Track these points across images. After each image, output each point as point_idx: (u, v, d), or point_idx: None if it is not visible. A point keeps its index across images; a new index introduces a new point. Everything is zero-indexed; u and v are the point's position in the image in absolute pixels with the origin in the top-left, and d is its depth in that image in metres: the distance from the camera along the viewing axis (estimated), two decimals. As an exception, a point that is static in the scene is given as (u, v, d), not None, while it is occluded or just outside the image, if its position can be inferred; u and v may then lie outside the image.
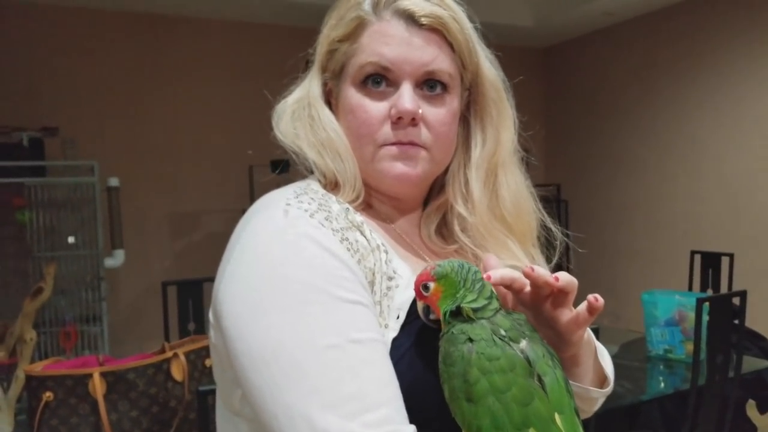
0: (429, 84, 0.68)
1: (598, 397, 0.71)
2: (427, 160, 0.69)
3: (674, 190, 4.29)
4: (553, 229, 0.78)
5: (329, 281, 0.57)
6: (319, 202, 0.63)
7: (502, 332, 0.55)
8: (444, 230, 0.77)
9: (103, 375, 1.28)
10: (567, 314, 0.61)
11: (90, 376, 1.27)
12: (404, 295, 0.63)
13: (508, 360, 0.53)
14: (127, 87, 3.99)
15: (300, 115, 0.71)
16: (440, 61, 0.67)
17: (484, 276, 0.59)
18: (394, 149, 0.67)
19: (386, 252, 0.64)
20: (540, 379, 0.53)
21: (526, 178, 0.77)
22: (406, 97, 0.66)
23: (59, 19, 3.81)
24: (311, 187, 0.67)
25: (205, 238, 4.22)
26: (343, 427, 0.51)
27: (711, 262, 3.32)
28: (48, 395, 1.27)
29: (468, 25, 0.70)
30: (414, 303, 0.62)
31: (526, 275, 0.58)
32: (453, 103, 0.70)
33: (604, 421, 1.92)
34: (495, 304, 0.58)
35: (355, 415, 0.52)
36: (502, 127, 0.74)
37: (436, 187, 0.76)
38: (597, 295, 0.59)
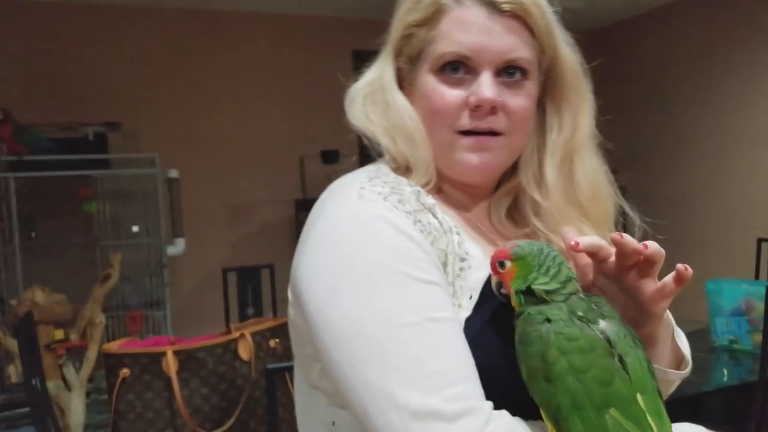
0: (508, 71, 0.67)
1: (675, 379, 0.70)
2: (504, 147, 0.69)
3: (734, 175, 4.11)
4: (631, 214, 0.76)
5: (405, 262, 0.58)
6: (391, 185, 0.64)
7: (580, 313, 0.54)
8: (515, 214, 0.77)
9: (175, 353, 1.34)
10: (651, 285, 0.60)
11: (164, 354, 1.33)
12: (477, 276, 0.63)
13: (588, 340, 0.52)
14: (184, 82, 4.11)
15: (373, 100, 0.72)
16: (520, 49, 0.67)
17: (572, 243, 0.58)
18: (470, 140, 0.68)
19: (458, 234, 0.65)
20: (621, 360, 0.53)
21: (603, 163, 0.76)
22: (486, 85, 0.66)
23: (119, 18, 3.96)
24: (382, 170, 0.68)
25: (260, 227, 4.32)
26: (424, 401, 0.52)
27: (779, 250, 3.18)
28: (125, 372, 1.34)
29: (548, 9, 0.69)
30: (486, 283, 0.63)
31: (615, 241, 0.58)
32: (532, 89, 0.69)
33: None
34: (570, 288, 0.57)
35: (435, 390, 0.53)
36: (580, 112, 0.73)
37: (508, 171, 0.76)
38: (686, 265, 0.58)
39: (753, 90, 3.93)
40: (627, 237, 0.58)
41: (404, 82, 0.73)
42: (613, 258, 0.60)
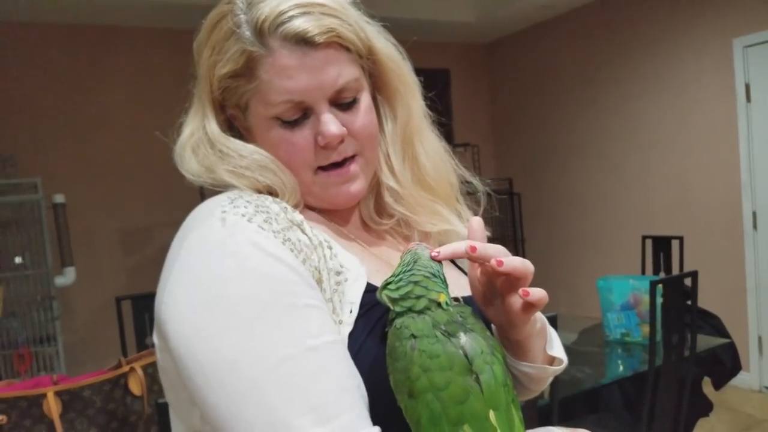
0: (341, 97, 0.66)
1: (547, 376, 0.72)
2: (365, 166, 0.70)
3: (623, 177, 4.42)
4: (474, 182, 0.80)
5: (277, 289, 0.55)
6: (255, 204, 0.61)
7: (442, 327, 0.56)
8: (378, 207, 0.77)
9: (57, 394, 1.22)
10: (517, 300, 0.58)
11: (44, 396, 1.22)
12: (354, 288, 0.62)
13: (448, 358, 0.54)
14: (67, 101, 3.85)
15: (205, 153, 0.68)
16: (344, 73, 0.65)
17: (432, 254, 0.59)
18: (334, 176, 0.68)
19: (330, 247, 0.63)
20: (477, 377, 0.55)
21: (440, 140, 0.78)
22: (329, 123, 0.65)
23: (-6, 31, 3.66)
24: (244, 192, 0.65)
25: (158, 251, 4.11)
26: None
27: (662, 246, 3.44)
28: (1, 418, 1.21)
29: (354, 16, 0.67)
30: (365, 295, 0.62)
31: (468, 255, 0.57)
32: (366, 99, 0.69)
33: (566, 406, 1.96)
34: (412, 304, 0.57)
35: (318, 424, 0.51)
36: (409, 97, 0.74)
37: None
38: (527, 289, 0.57)
39: (641, 97, 4.24)
40: (482, 250, 0.57)
41: (239, 127, 0.70)
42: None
